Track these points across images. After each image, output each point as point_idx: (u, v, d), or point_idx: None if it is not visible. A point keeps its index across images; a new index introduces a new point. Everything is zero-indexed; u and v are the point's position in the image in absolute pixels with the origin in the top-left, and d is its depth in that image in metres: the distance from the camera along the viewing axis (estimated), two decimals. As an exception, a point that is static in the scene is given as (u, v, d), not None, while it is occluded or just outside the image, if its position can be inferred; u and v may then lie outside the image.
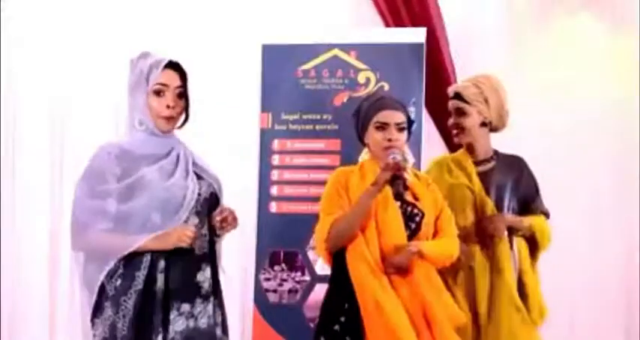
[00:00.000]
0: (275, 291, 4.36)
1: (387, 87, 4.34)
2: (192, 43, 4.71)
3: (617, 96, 4.80)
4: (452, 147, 4.72)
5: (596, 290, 4.79)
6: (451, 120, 3.37)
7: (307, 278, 4.34)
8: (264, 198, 4.41)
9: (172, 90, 2.74)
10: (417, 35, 4.40)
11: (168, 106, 2.72)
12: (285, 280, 4.37)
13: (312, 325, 4.18)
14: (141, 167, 2.66)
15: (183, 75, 2.78)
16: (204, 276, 2.73)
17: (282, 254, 4.37)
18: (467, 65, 4.68)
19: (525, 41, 4.87)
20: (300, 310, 4.32)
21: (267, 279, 4.36)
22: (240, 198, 4.63)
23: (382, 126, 2.94)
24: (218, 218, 2.76)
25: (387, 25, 4.70)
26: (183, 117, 2.80)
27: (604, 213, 4.79)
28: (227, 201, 2.93)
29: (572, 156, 4.75)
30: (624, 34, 4.85)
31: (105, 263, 2.62)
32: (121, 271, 2.64)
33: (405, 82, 4.34)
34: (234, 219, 2.80)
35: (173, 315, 2.65)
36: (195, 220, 2.73)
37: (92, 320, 2.67)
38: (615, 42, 4.88)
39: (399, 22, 4.66)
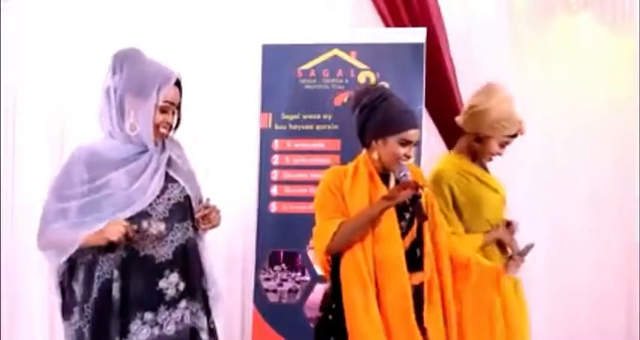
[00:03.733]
0: (275, 291, 4.36)
1: (387, 87, 4.34)
2: (192, 43, 4.71)
3: (617, 96, 4.80)
4: (452, 146, 4.73)
5: (596, 290, 4.79)
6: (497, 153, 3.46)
7: (307, 278, 4.34)
8: (264, 198, 4.41)
9: (174, 107, 2.76)
10: (417, 35, 4.40)
11: (168, 122, 2.75)
12: (285, 280, 4.36)
13: (312, 325, 4.18)
14: (109, 172, 2.67)
15: (181, 90, 2.79)
16: (167, 283, 2.70)
17: (282, 254, 4.37)
18: (467, 65, 4.68)
19: (525, 41, 4.87)
20: (300, 310, 4.32)
21: (267, 279, 4.36)
22: (240, 198, 4.66)
23: (406, 143, 2.94)
24: (199, 215, 2.77)
25: (387, 25, 4.69)
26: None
27: (604, 212, 4.78)
28: (227, 201, 2.93)
29: (572, 156, 4.75)
30: (624, 34, 4.85)
31: (59, 258, 2.69)
32: (81, 278, 2.68)
33: (405, 82, 4.33)
34: (219, 218, 2.81)
35: (136, 325, 2.64)
36: (160, 226, 2.70)
37: (63, 322, 2.74)
38: (615, 42, 4.88)
39: (399, 22, 4.66)
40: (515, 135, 3.47)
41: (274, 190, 4.44)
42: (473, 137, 3.48)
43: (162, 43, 4.51)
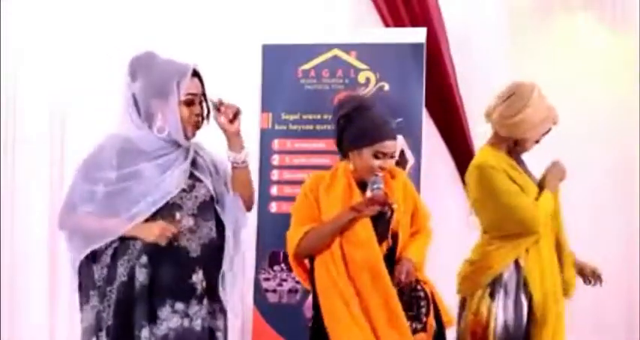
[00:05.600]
0: (275, 291, 4.36)
1: (387, 87, 4.35)
2: (193, 43, 4.70)
3: (617, 96, 4.80)
4: (452, 147, 4.74)
5: (596, 290, 4.78)
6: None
7: (307, 278, 4.34)
8: (264, 198, 4.41)
9: (199, 98, 2.77)
10: (417, 35, 4.40)
11: (197, 114, 2.77)
12: (285, 280, 4.37)
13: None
14: (139, 162, 2.69)
15: (201, 80, 2.81)
16: (198, 278, 2.71)
17: (282, 254, 4.37)
18: (467, 65, 4.68)
19: (525, 41, 4.86)
20: (300, 310, 4.32)
21: (267, 279, 4.36)
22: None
23: (381, 155, 2.92)
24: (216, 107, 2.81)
25: (387, 25, 4.70)
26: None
27: (604, 213, 4.78)
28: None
29: (571, 156, 4.74)
30: (624, 34, 4.85)
31: (88, 245, 2.67)
32: (108, 261, 2.68)
33: (405, 82, 4.34)
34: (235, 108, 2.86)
35: (166, 312, 2.65)
36: (190, 222, 2.72)
37: (80, 307, 2.73)
38: (615, 42, 4.88)
39: (399, 22, 4.66)
40: (549, 129, 3.39)
41: (274, 190, 4.44)
42: (508, 138, 3.34)
43: (162, 42, 4.50)
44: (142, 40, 4.46)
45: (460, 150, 4.68)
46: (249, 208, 2.93)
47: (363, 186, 2.96)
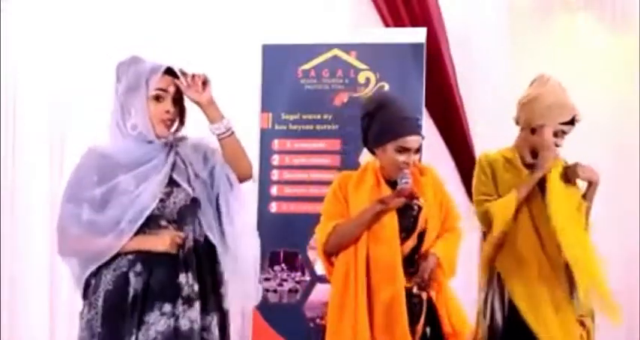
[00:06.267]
0: (275, 291, 4.36)
1: (387, 87, 4.35)
2: (193, 43, 4.71)
3: (617, 96, 4.79)
4: (452, 147, 4.73)
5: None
6: (555, 144, 3.33)
7: (307, 278, 4.34)
8: (264, 198, 4.41)
9: (170, 95, 2.75)
10: (417, 35, 4.40)
11: (167, 111, 2.74)
12: (285, 280, 4.37)
13: (312, 325, 4.19)
14: (118, 174, 2.69)
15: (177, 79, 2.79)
16: (185, 279, 2.70)
17: (282, 254, 4.37)
18: (467, 65, 4.68)
19: (525, 41, 4.86)
20: (300, 310, 4.32)
21: (267, 279, 4.36)
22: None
23: (404, 150, 2.93)
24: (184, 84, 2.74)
25: (387, 25, 4.70)
26: (177, 122, 2.81)
27: (603, 213, 4.77)
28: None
29: (571, 157, 4.74)
30: (624, 34, 4.85)
31: (87, 267, 2.68)
32: (94, 271, 2.69)
33: (405, 82, 4.34)
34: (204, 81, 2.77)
35: (154, 316, 2.64)
36: (170, 228, 2.72)
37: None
38: (615, 42, 4.88)
39: (399, 22, 4.66)
40: (571, 123, 3.32)
41: (274, 190, 4.44)
42: (528, 130, 3.33)
43: (163, 43, 4.52)
44: (141, 41, 4.47)
45: (460, 150, 4.68)
46: (245, 179, 2.88)
47: (391, 184, 2.97)
